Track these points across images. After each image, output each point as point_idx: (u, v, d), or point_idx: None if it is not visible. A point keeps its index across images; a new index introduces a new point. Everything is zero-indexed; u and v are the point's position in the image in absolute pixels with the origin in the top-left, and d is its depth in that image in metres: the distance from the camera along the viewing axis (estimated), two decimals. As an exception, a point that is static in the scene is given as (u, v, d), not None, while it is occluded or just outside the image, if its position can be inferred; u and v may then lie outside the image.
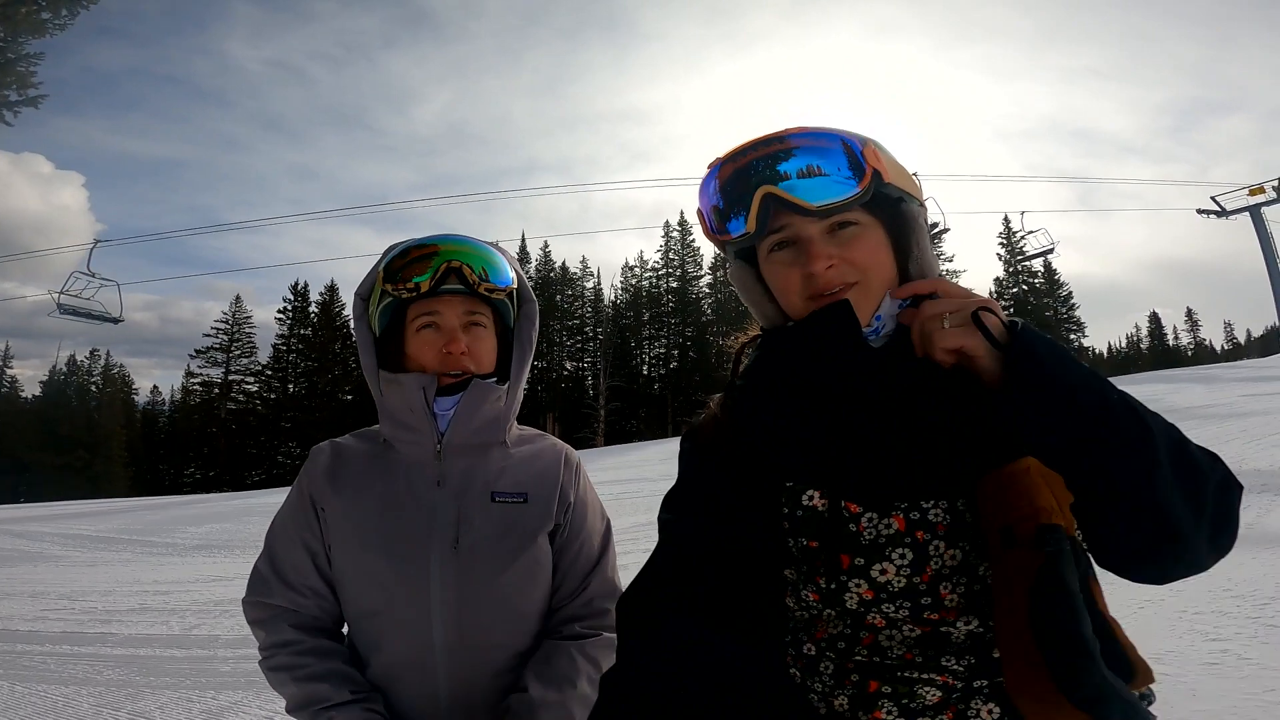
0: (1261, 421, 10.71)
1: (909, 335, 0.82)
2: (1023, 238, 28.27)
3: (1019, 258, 28.91)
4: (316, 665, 1.18)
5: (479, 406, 1.26)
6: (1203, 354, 73.18)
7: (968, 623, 0.78)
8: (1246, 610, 3.95)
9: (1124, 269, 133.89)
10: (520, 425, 1.39)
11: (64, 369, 53.88)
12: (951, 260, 46.59)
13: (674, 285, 52.37)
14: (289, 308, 50.45)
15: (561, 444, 1.41)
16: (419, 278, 1.23)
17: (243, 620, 1.28)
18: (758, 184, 0.86)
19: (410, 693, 1.18)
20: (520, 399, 1.34)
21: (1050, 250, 26.90)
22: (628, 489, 11.57)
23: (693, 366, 48.35)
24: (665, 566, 0.87)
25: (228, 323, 49.98)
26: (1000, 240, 49.73)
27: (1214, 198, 25.48)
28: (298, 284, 50.72)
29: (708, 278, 51.56)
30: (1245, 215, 24.89)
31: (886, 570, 0.79)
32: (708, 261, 51.02)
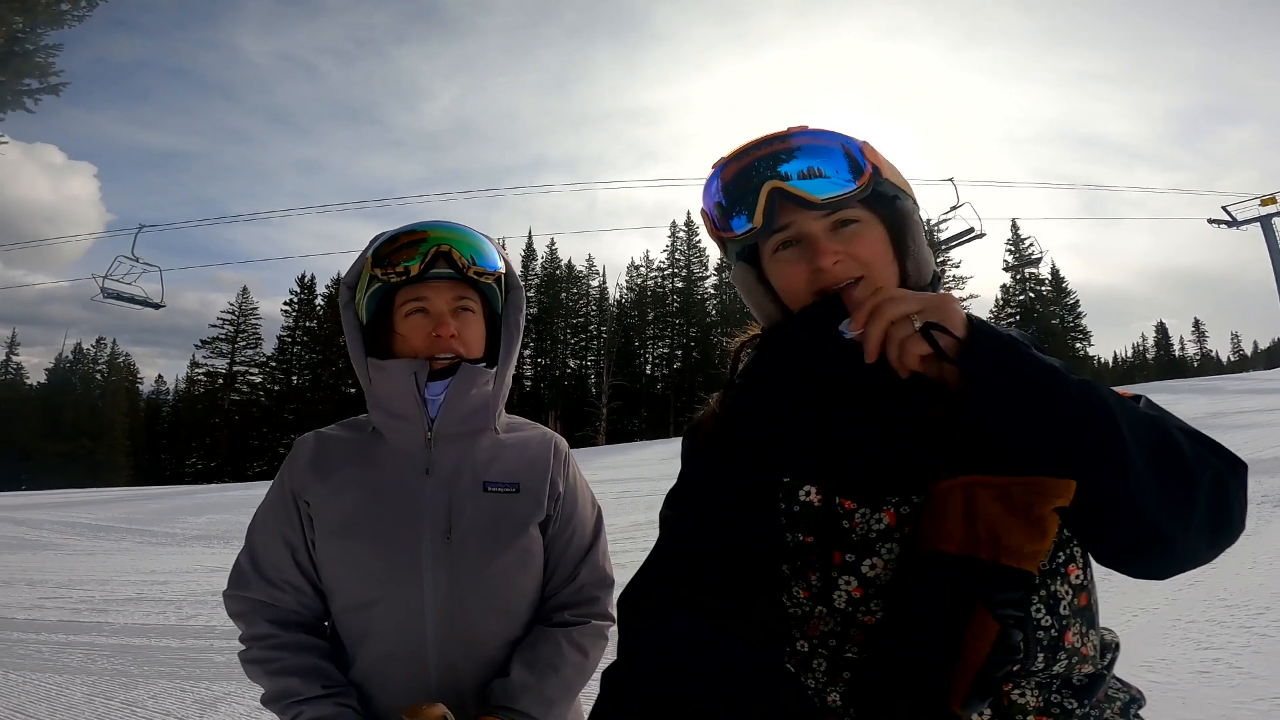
0: (1264, 434, 10.68)
1: None
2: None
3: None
4: (290, 659, 1.17)
5: (468, 390, 1.26)
6: (1208, 365, 72.95)
7: None
8: (1240, 619, 3.94)
9: (1130, 277, 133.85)
10: (509, 414, 1.40)
11: (69, 357, 54.17)
12: (958, 266, 46.56)
13: (679, 286, 52.38)
14: (295, 300, 50.65)
15: (550, 432, 1.41)
16: (408, 262, 1.23)
17: (239, 613, 1.27)
18: (762, 181, 0.88)
19: (400, 684, 1.17)
20: (508, 385, 1.35)
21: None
22: (628, 488, 11.58)
23: (696, 367, 48.35)
24: (666, 562, 0.87)
25: (234, 314, 50.21)
26: (1008, 248, 49.59)
27: (1225, 207, 25.32)
28: (304, 277, 50.98)
29: (713, 279, 51.54)
30: (1256, 225, 24.74)
31: (876, 565, 0.79)
32: (713, 263, 51.06)
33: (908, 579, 0.75)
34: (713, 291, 51.75)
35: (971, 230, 21.46)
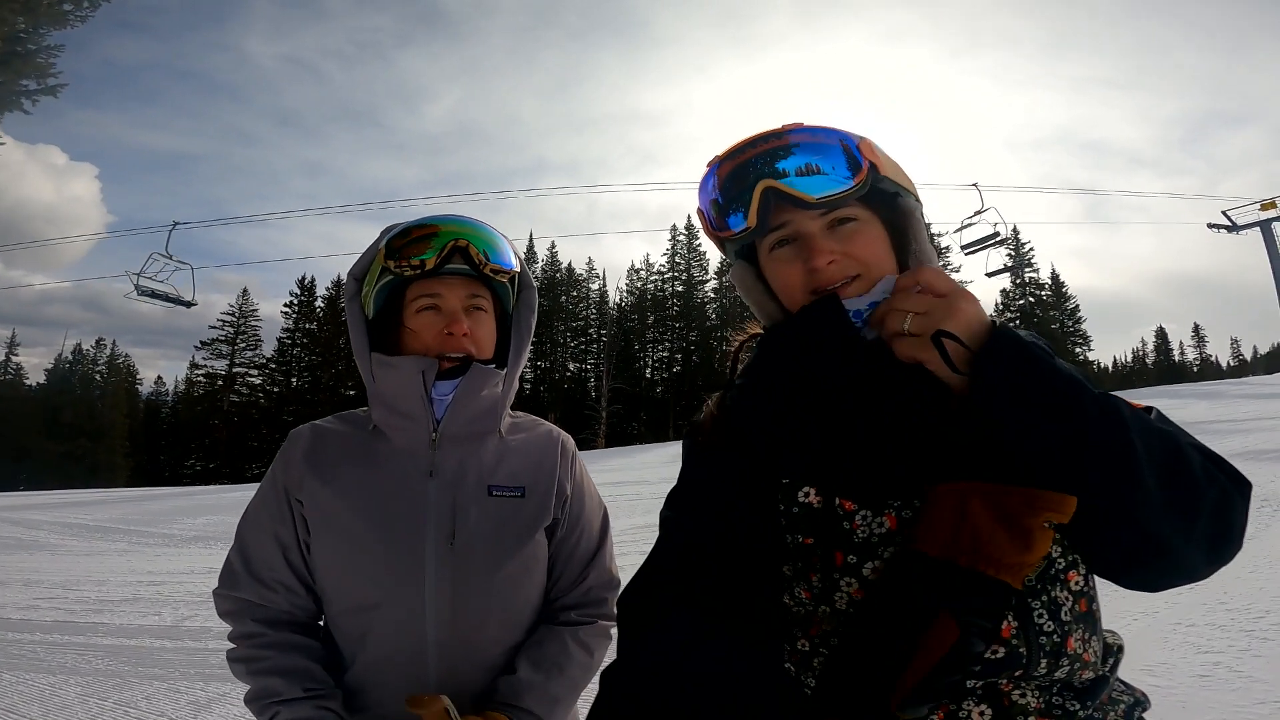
0: (1264, 438, 10.68)
1: None
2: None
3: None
4: (275, 659, 1.15)
5: (479, 391, 1.23)
6: (1208, 370, 72.99)
7: None
8: (1240, 624, 3.94)
9: (1131, 282, 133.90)
10: (512, 412, 1.36)
11: (69, 357, 54.21)
12: (959, 270, 46.57)
13: (679, 289, 52.41)
14: (295, 302, 50.63)
15: (556, 430, 1.38)
16: (423, 255, 1.20)
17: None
18: (757, 179, 0.87)
19: (400, 687, 1.15)
20: (516, 387, 1.32)
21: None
22: (627, 491, 11.56)
23: (696, 371, 48.37)
24: (665, 562, 0.87)
25: (234, 315, 50.19)
26: (1009, 252, 49.61)
27: (1225, 212, 25.24)
28: (304, 278, 50.97)
29: (713, 282, 51.56)
30: (1256, 230, 24.71)
31: (878, 568, 0.78)
32: (713, 266, 51.08)
33: (885, 575, 0.75)
34: (713, 295, 51.76)
35: (996, 234, 20.97)
